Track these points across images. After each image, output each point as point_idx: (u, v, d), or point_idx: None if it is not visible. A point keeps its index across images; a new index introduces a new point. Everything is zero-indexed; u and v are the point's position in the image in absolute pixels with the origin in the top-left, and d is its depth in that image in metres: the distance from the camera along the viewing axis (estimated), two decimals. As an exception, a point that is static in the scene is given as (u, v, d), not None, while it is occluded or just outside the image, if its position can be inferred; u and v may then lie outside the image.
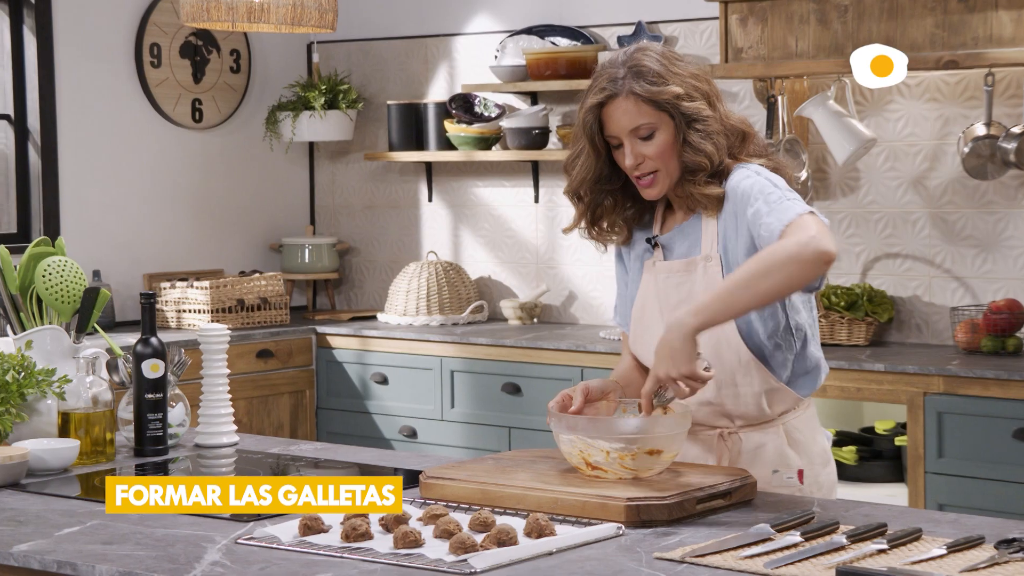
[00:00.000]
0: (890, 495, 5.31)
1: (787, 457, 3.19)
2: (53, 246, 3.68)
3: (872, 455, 5.58)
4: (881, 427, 5.61)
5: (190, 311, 6.46)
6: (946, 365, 5.12)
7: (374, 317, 6.78)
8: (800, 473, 3.20)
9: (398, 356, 6.31)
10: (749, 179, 3.10)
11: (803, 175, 5.81)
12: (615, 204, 3.22)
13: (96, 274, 6.46)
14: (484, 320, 6.63)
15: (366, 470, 3.40)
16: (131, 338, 5.73)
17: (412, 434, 6.25)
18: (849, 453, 5.54)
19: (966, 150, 5.48)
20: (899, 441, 5.44)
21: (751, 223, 3.05)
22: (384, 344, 6.37)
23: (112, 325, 6.37)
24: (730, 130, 3.16)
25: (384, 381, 6.34)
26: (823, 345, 5.49)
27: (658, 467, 2.96)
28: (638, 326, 3.26)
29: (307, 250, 7.02)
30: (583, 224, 3.25)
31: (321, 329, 6.54)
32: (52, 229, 6.42)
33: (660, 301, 3.20)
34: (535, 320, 6.53)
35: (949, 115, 5.67)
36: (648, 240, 3.24)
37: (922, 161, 5.75)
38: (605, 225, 3.24)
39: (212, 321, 6.39)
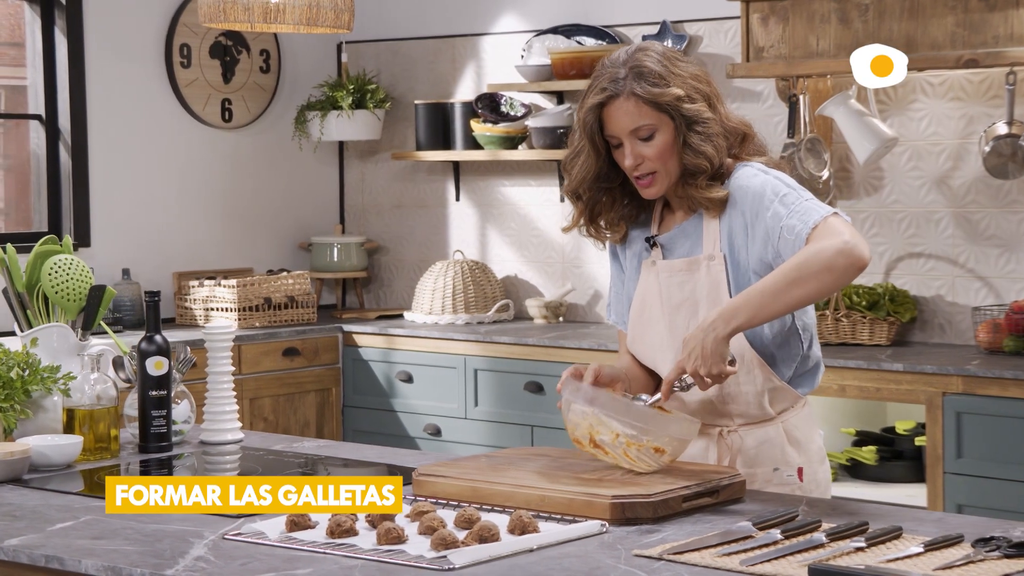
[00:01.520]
0: (909, 495, 5.29)
1: (787, 455, 3.19)
2: (60, 244, 3.72)
3: (893, 455, 5.56)
4: (901, 427, 5.59)
5: (217, 309, 6.51)
6: (965, 365, 5.10)
7: (401, 316, 6.81)
8: (800, 471, 3.20)
9: (423, 355, 6.34)
10: (757, 178, 3.10)
11: (825, 174, 5.80)
12: (613, 201, 3.22)
13: (125, 273, 6.52)
14: (510, 319, 6.65)
15: (385, 469, 3.43)
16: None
17: (436, 432, 6.28)
18: (869, 453, 5.53)
19: (987, 149, 5.45)
20: (919, 441, 5.42)
21: (769, 226, 3.04)
22: (409, 343, 6.40)
23: (140, 323, 6.42)
24: (730, 131, 3.16)
25: (409, 379, 6.37)
26: (843, 345, 5.56)
27: (654, 467, 2.97)
28: (637, 325, 3.26)
29: (336, 249, 7.05)
30: (582, 222, 3.26)
31: (347, 328, 6.58)
32: (82, 228, 6.49)
33: (662, 300, 3.20)
34: (561, 319, 6.54)
35: (973, 114, 5.65)
36: (647, 239, 3.24)
37: (945, 160, 5.72)
38: (603, 223, 3.25)
39: (239, 320, 6.44)
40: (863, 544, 2.54)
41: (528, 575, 2.47)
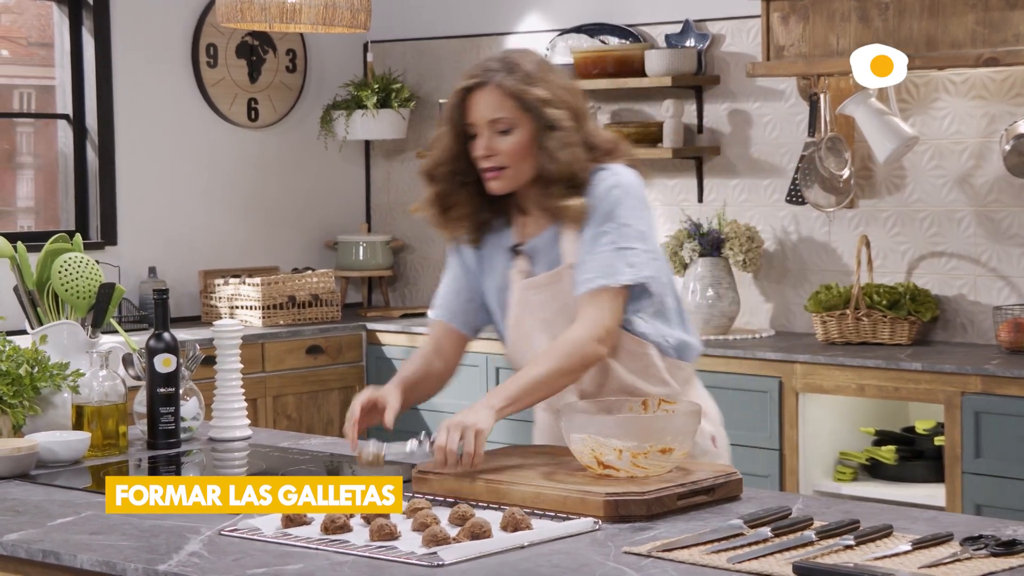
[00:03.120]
0: (929, 495, 5.27)
1: (701, 426, 3.23)
2: (71, 243, 3.75)
3: (913, 455, 5.54)
4: (921, 427, 5.57)
5: (242, 307, 6.54)
6: (984, 365, 5.08)
7: (425, 314, 6.81)
8: (713, 439, 3.32)
9: (445, 353, 6.34)
10: (614, 192, 3.16)
11: (846, 173, 5.79)
12: (469, 197, 3.24)
13: (152, 271, 6.57)
14: (533, 318, 6.64)
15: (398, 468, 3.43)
16: (183, 334, 5.86)
17: (458, 430, 6.28)
18: (888, 452, 5.51)
19: (1007, 148, 5.43)
20: (939, 441, 5.40)
21: (593, 237, 3.14)
22: (432, 341, 6.39)
23: (166, 321, 6.45)
24: (595, 146, 3.21)
25: (432, 378, 6.38)
26: (864, 344, 5.54)
27: (669, 465, 2.97)
28: (516, 338, 3.34)
29: (362, 248, 7.08)
30: (433, 210, 3.28)
31: (371, 326, 6.61)
32: (109, 227, 6.53)
33: (536, 316, 3.26)
34: (584, 318, 6.54)
35: (995, 112, 5.62)
36: (513, 248, 3.27)
37: (968, 159, 5.70)
38: (455, 216, 3.27)
39: (263, 317, 6.48)
40: (852, 542, 2.54)
41: (517, 571, 2.48)
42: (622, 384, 3.26)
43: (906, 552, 2.49)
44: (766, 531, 2.61)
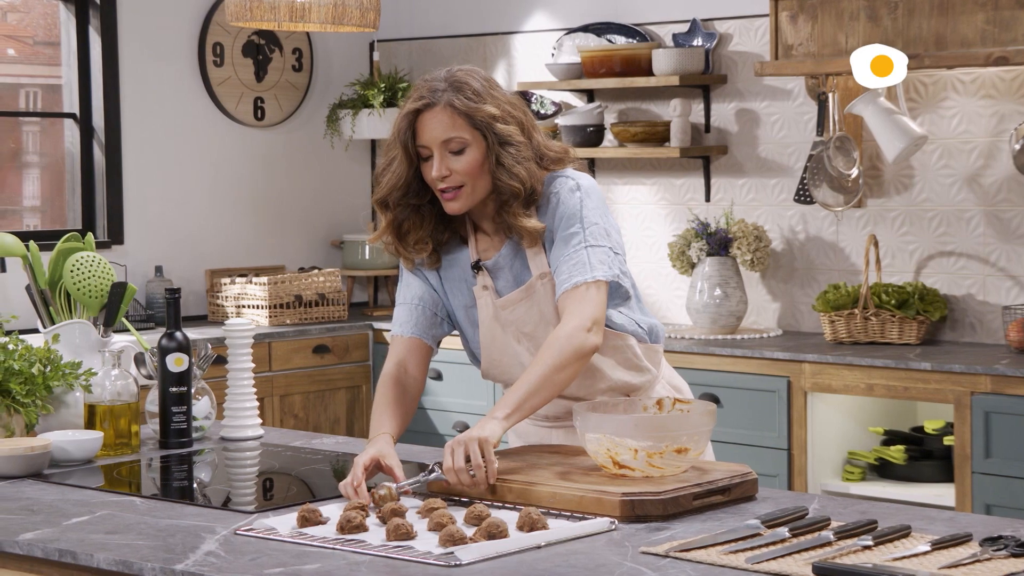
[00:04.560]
0: (938, 495, 5.27)
1: None
2: (83, 242, 3.74)
3: (922, 455, 5.54)
4: (930, 426, 5.56)
5: (249, 307, 6.54)
6: (994, 364, 5.07)
7: (432, 314, 6.81)
8: None
9: (452, 352, 6.28)
10: (573, 196, 3.18)
11: (854, 172, 5.78)
12: (421, 220, 3.24)
13: (158, 270, 6.57)
14: (540, 317, 6.64)
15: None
16: (190, 333, 5.84)
17: (465, 430, 6.28)
18: (897, 452, 5.51)
19: (1017, 147, 5.43)
20: (948, 441, 5.40)
21: (556, 251, 3.16)
22: (439, 340, 6.39)
23: (172, 320, 6.46)
24: (546, 157, 3.22)
25: (439, 377, 6.39)
26: (873, 344, 5.54)
27: (685, 465, 2.97)
28: (492, 352, 3.32)
29: (367, 247, 7.08)
30: (389, 237, 3.27)
31: (377, 325, 6.60)
32: (116, 226, 6.53)
33: (510, 330, 3.27)
34: (591, 317, 6.53)
35: (1005, 112, 5.62)
36: (473, 266, 3.27)
37: (976, 158, 5.70)
38: (411, 240, 3.26)
39: (270, 317, 6.47)
40: (870, 542, 2.53)
41: (534, 571, 2.48)
42: (611, 383, 3.29)
43: (925, 553, 2.49)
44: (784, 531, 2.60)
